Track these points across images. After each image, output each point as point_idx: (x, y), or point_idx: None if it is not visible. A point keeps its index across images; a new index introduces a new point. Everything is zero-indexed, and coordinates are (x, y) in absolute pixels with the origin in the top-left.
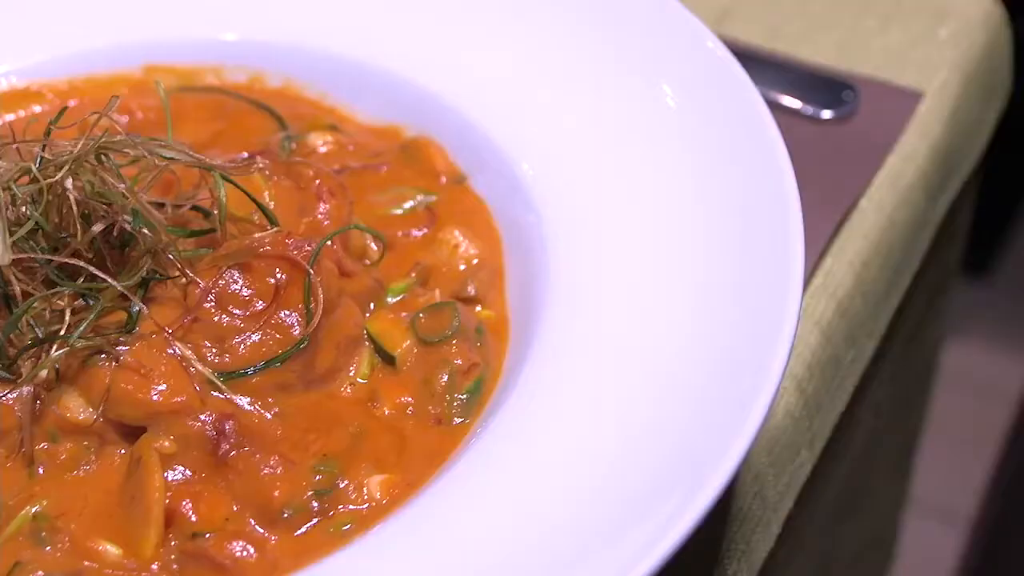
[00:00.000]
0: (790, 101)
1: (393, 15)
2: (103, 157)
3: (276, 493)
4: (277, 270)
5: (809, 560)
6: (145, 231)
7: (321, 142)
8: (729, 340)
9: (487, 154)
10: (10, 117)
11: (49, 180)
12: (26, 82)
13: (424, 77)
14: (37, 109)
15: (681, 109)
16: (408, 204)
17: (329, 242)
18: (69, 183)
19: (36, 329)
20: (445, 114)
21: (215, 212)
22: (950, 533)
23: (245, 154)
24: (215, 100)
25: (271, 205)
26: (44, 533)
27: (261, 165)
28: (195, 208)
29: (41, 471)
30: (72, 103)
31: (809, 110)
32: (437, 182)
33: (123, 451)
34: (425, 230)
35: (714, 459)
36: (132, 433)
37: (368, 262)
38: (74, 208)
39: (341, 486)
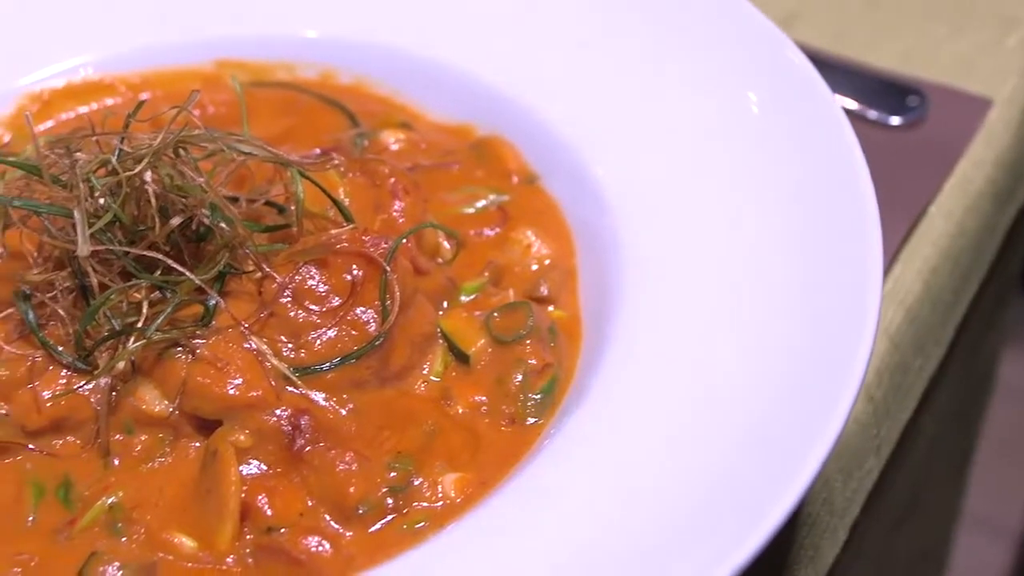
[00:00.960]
0: (857, 106)
1: (466, 13)
2: (180, 151)
3: (352, 489)
4: (354, 267)
5: (868, 568)
6: (223, 225)
7: (393, 140)
8: (808, 346)
9: (559, 155)
10: (84, 109)
11: (128, 173)
12: (100, 75)
13: (496, 76)
14: (109, 102)
15: (763, 116)
16: (480, 203)
17: (404, 240)
18: (148, 176)
19: (112, 321)
20: (517, 114)
21: (290, 208)
22: (999, 548)
23: (317, 150)
24: (286, 96)
25: (346, 202)
26: (120, 524)
27: (337, 162)
28: (269, 203)
29: (116, 462)
30: (144, 96)
31: (876, 115)
32: (508, 182)
33: (197, 444)
34: (497, 229)
35: (793, 466)
36: (207, 426)
37: (440, 260)
38: (152, 201)
39: (415, 484)
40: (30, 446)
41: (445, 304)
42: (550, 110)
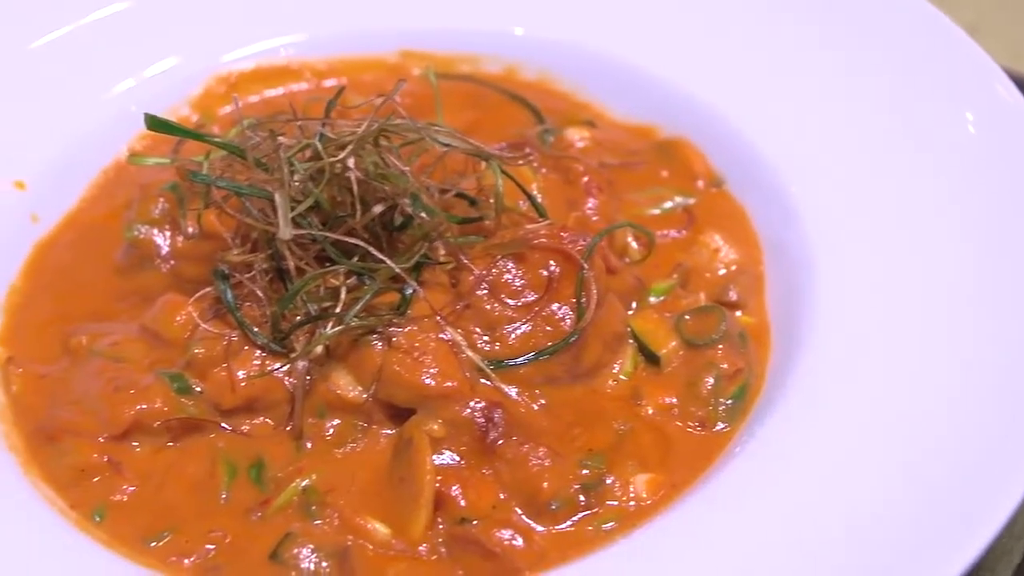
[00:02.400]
0: None
1: (654, 13)
2: (382, 139)
3: (545, 484)
4: (551, 262)
5: None
6: (423, 215)
7: (578, 137)
8: (1007, 367)
9: (746, 160)
10: (271, 92)
11: (332, 159)
12: (286, 60)
13: (683, 78)
14: (294, 87)
15: (978, 139)
16: (667, 204)
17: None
18: (351, 162)
19: (308, 305)
20: (704, 117)
21: (481, 200)
22: None
23: (503, 145)
24: (469, 88)
25: (539, 197)
26: (314, 507)
27: (533, 157)
28: (459, 195)
29: (309, 445)
30: (328, 83)
31: None
32: (693, 184)
33: (388, 431)
34: (683, 232)
35: (995, 486)
36: (399, 414)
37: (627, 260)
38: (354, 188)
39: (607, 482)
40: (223, 425)
41: (634, 304)
42: (738, 115)
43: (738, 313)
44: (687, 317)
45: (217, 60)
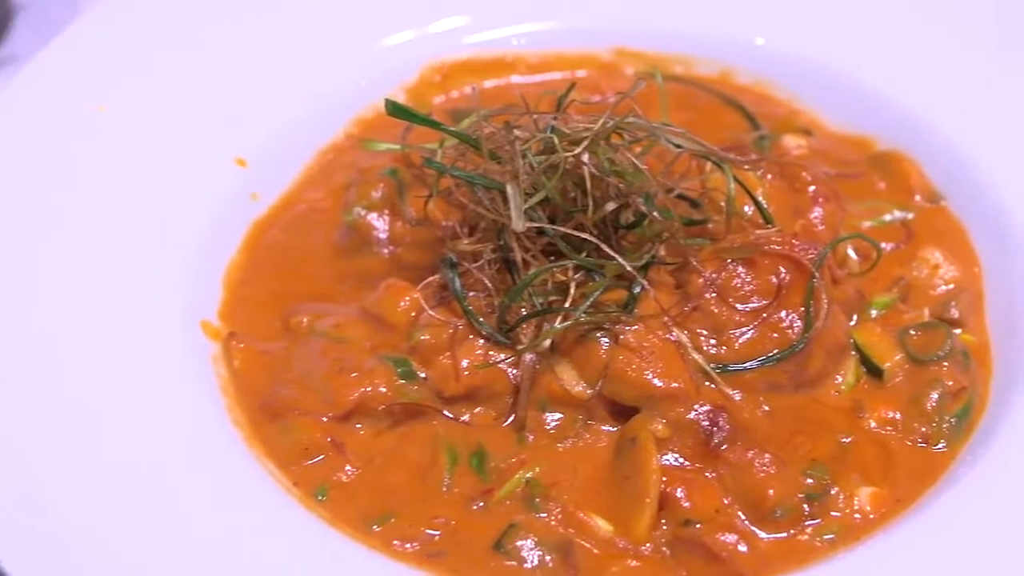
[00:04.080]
0: None
1: (874, 24)
2: (614, 138)
3: (771, 492)
4: (781, 269)
5: None
6: (655, 214)
7: (795, 145)
8: None
9: (966, 177)
10: (488, 84)
11: (568, 154)
12: (501, 52)
13: (903, 91)
14: (501, 81)
15: None
16: (886, 218)
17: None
18: (586, 158)
19: (534, 299)
20: (923, 132)
21: (702, 202)
22: None
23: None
24: (682, 90)
25: (764, 203)
26: (537, 500)
27: (762, 162)
28: (681, 196)
29: (531, 438)
30: (536, 78)
31: None
32: (911, 199)
33: (608, 428)
34: (900, 246)
35: None
36: (620, 412)
37: (846, 271)
38: (587, 183)
39: (831, 493)
40: (445, 412)
41: (855, 317)
42: (958, 130)
43: (957, 331)
44: (912, 332)
45: (458, 42)
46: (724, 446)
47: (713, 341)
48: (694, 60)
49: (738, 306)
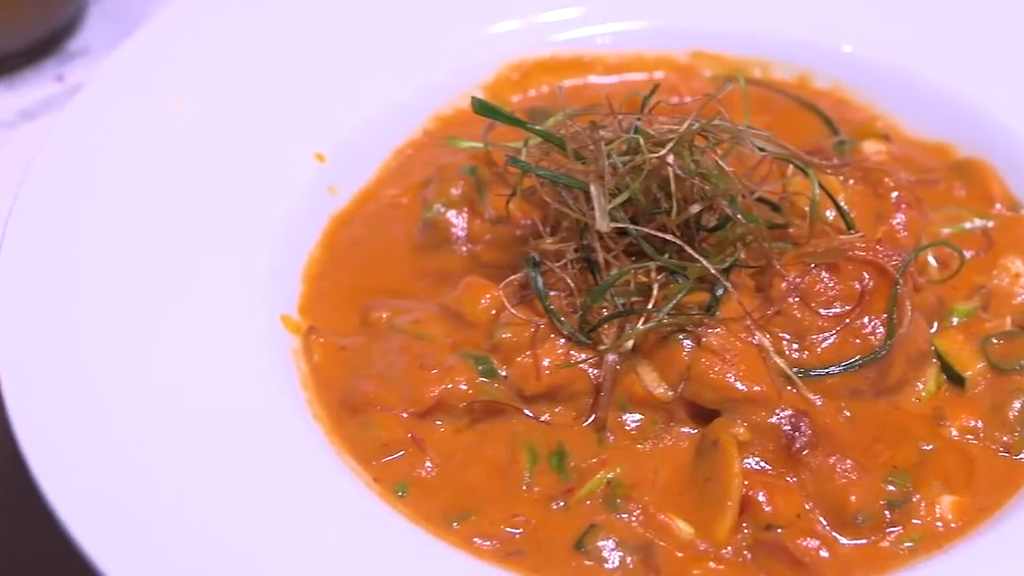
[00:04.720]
0: None
1: (956, 29)
2: (697, 140)
3: (853, 498)
4: (865, 275)
5: None
6: (739, 217)
7: (875, 151)
8: None
9: None
10: (567, 83)
11: (653, 155)
12: (580, 51)
13: (984, 98)
14: (578, 81)
15: None
16: (966, 225)
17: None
18: (671, 159)
19: (616, 300)
20: (1005, 140)
21: (783, 206)
22: None
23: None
24: (760, 93)
25: (847, 208)
26: (618, 500)
27: (846, 167)
28: (761, 199)
29: (611, 438)
30: (615, 79)
31: None
32: (991, 207)
33: (688, 430)
34: (980, 254)
35: None
36: (700, 415)
37: (926, 278)
38: (672, 185)
39: (913, 501)
40: (525, 411)
41: (935, 324)
42: None
43: None
44: (995, 340)
45: (544, 39)
46: (806, 451)
47: (795, 345)
48: (772, 64)
49: (821, 311)
